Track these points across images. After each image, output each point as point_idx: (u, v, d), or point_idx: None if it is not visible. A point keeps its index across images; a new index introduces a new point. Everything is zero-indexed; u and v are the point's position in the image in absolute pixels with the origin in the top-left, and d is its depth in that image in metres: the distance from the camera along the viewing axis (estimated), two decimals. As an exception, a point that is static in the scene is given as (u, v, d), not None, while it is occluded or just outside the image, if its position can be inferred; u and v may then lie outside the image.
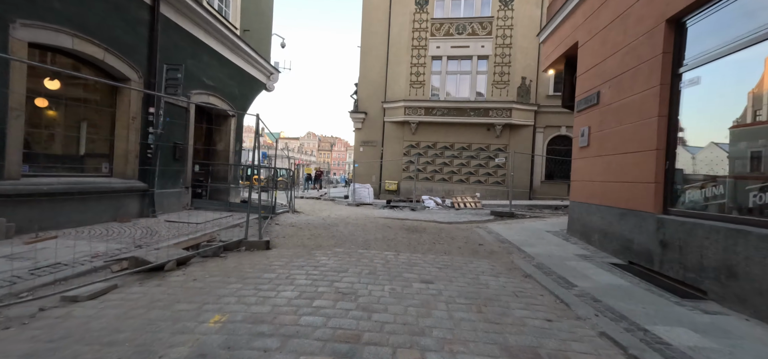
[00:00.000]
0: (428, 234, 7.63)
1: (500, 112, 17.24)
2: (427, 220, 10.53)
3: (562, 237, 7.14)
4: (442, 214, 12.17)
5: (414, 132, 18.43)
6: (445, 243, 6.75)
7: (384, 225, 9.06)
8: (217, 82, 9.89)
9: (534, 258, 5.55)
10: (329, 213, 12.28)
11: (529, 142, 17.50)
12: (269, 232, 7.19)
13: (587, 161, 6.77)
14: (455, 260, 5.39)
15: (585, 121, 6.94)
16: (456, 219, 10.85)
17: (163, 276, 3.95)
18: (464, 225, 9.42)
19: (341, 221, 9.37)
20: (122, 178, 6.90)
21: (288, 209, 10.69)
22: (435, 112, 17.94)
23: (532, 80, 17.39)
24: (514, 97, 17.19)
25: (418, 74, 18.17)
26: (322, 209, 13.68)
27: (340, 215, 11.42)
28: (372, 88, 19.48)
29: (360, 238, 6.93)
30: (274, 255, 5.19)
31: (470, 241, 6.96)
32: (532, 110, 17.40)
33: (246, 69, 11.53)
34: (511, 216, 10.95)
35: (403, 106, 18.19)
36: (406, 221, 10.09)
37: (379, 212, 12.92)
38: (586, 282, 4.32)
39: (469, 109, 17.58)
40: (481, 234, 7.76)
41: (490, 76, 17.51)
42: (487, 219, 10.84)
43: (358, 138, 19.90)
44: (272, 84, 13.52)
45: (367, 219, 10.12)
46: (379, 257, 5.35)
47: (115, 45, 6.47)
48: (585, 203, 6.74)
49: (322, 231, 7.61)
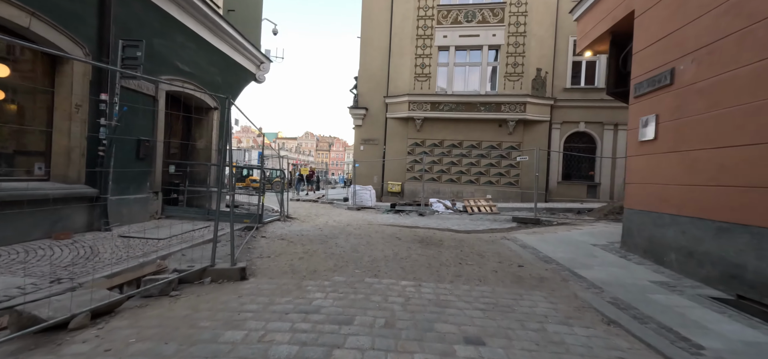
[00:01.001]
0: (449, 250, 6.19)
1: (513, 107, 15.83)
2: (440, 228, 9.09)
3: (617, 254, 5.71)
4: (455, 220, 10.73)
5: (419, 129, 17.00)
6: (474, 263, 5.31)
7: (392, 235, 7.62)
8: (194, 67, 8.42)
9: (602, 289, 4.11)
10: (327, 219, 10.82)
11: (545, 140, 16.09)
12: (252, 250, 5.72)
13: (654, 158, 5.34)
14: (499, 294, 3.95)
15: (649, 107, 5.51)
16: (473, 227, 9.41)
17: (58, 344, 2.49)
18: (486, 235, 7.99)
19: (341, 231, 7.93)
20: (63, 182, 5.43)
21: (279, 216, 9.23)
22: (442, 107, 16.51)
23: (547, 72, 15.98)
24: (528, 90, 15.78)
25: (423, 66, 16.73)
26: (318, 214, 12.22)
27: (340, 222, 9.96)
28: (373, 81, 18.03)
29: (365, 257, 5.48)
30: (248, 290, 3.73)
31: (505, 260, 5.52)
32: (547, 104, 15.99)
33: (231, 55, 10.06)
34: (536, 222, 9.53)
35: (407, 101, 16.75)
36: (416, 230, 8.65)
37: (384, 218, 11.48)
38: (710, 339, 2.88)
39: (479, 104, 16.16)
40: (512, 249, 6.32)
41: (502, 67, 16.09)
42: (510, 226, 9.41)
43: (358, 135, 18.45)
44: (262, 75, 12.04)
45: (371, 228, 8.67)
46: (395, 291, 3.90)
47: (47, 10, 5.00)
48: (651, 212, 5.31)
49: (318, 246, 6.16)
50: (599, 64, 15.96)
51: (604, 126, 15.74)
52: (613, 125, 15.65)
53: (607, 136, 15.70)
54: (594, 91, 15.91)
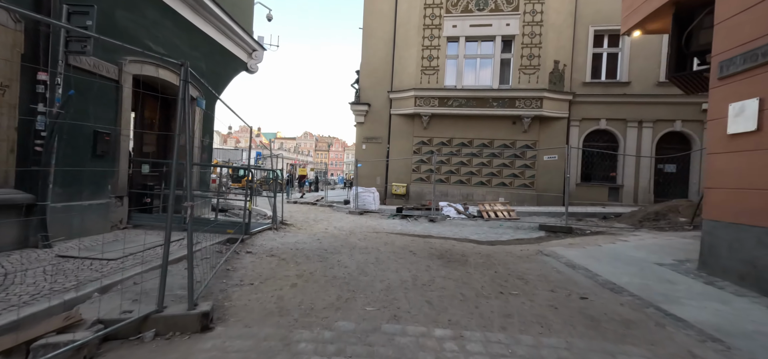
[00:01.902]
0: (478, 270, 4.94)
1: (529, 103, 14.58)
2: (458, 238, 7.83)
3: (702, 281, 4.44)
4: (471, 228, 9.47)
5: (426, 126, 15.74)
6: (519, 292, 4.05)
7: (403, 248, 6.37)
8: (171, 49, 7.16)
9: (724, 342, 2.86)
10: (326, 225, 9.56)
11: (563, 138, 14.84)
12: (231, 274, 4.46)
13: (756, 156, 4.08)
14: (581, 353, 2.69)
15: (745, 90, 4.25)
16: (496, 237, 8.15)
17: None
18: (516, 249, 6.72)
19: (343, 242, 6.66)
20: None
21: (272, 224, 7.96)
22: (451, 103, 15.25)
23: (566, 65, 14.74)
24: (545, 84, 14.53)
25: (430, 58, 15.48)
26: (317, 220, 10.95)
27: (341, 229, 8.70)
28: (376, 75, 16.77)
29: (377, 283, 4.22)
30: (209, 356, 2.46)
31: (557, 287, 4.26)
32: (566, 100, 14.75)
33: (217, 39, 8.80)
34: (568, 231, 8.27)
35: (413, 96, 15.50)
36: (430, 240, 7.40)
37: (390, 224, 10.22)
38: None
39: (491, 99, 14.91)
40: (559, 269, 5.07)
41: (516, 59, 14.84)
42: (538, 236, 8.16)
43: (360, 133, 17.19)
44: (255, 64, 10.77)
45: (378, 238, 7.42)
46: (431, 351, 2.64)
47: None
48: (754, 227, 4.05)
49: (315, 265, 4.90)
50: (622, 57, 14.73)
51: (628, 123, 14.51)
52: (637, 122, 14.41)
53: (630, 134, 14.46)
54: (616, 85, 14.67)
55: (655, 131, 14.31)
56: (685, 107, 13.95)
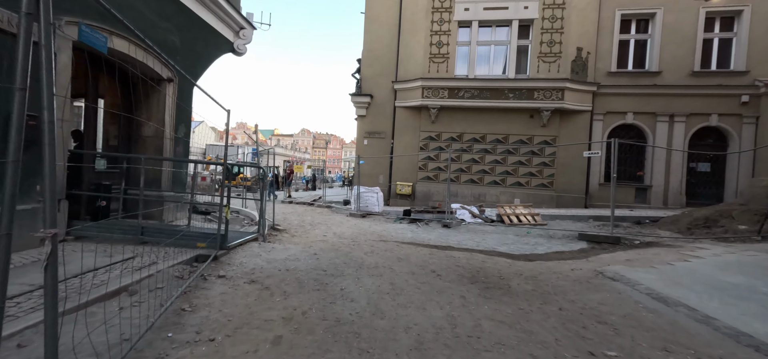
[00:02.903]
0: (532, 304, 3.56)
1: (549, 94, 13.20)
2: (485, 251, 6.45)
3: None
4: (495, 236, 8.08)
5: (434, 120, 14.34)
6: (617, 351, 2.67)
7: (423, 266, 5.00)
8: (134, 15, 5.72)
9: None
10: (325, 231, 8.18)
11: (585, 133, 13.49)
12: (185, 318, 3.04)
13: None
14: None
15: None
16: (529, 249, 6.76)
17: None
18: (564, 267, 5.34)
19: (347, 258, 5.26)
20: None
21: (258, 233, 6.54)
22: (462, 94, 13.86)
23: (589, 52, 13.36)
24: (566, 73, 13.15)
25: (439, 45, 14.06)
26: (314, 223, 9.56)
27: (343, 237, 7.32)
28: (380, 64, 15.34)
29: (402, 336, 2.83)
30: None
31: (667, 340, 2.88)
32: (589, 91, 13.37)
33: (197, 11, 7.38)
34: (615, 242, 6.90)
35: (420, 87, 14.09)
36: (452, 253, 6.02)
37: (398, 230, 8.84)
38: None
39: (506, 90, 13.52)
40: (645, 304, 3.69)
41: (535, 46, 13.45)
42: (580, 247, 6.79)
43: (361, 128, 15.77)
44: (243, 44, 9.33)
45: (390, 251, 6.03)
46: None
47: None
48: None
49: (310, 300, 3.51)
50: (651, 44, 13.36)
51: (657, 117, 13.15)
52: (668, 116, 13.07)
53: (660, 129, 13.11)
54: (645, 75, 13.31)
55: (687, 126, 12.96)
56: (722, 100, 12.62)
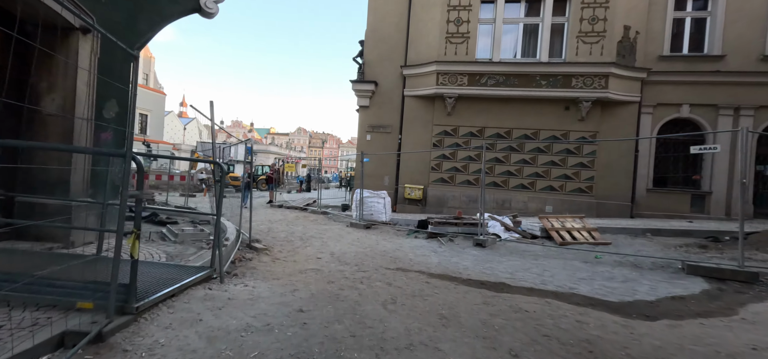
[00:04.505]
0: None
1: (590, 81, 11.01)
2: (556, 292, 4.18)
3: None
4: (553, 264, 5.82)
5: (450, 111, 12.11)
6: None
7: (489, 337, 2.76)
8: None
9: None
10: (319, 253, 5.89)
11: (631, 127, 11.31)
12: None
13: None
14: None
15: None
16: (623, 289, 4.48)
17: None
18: (722, 336, 3.11)
19: (356, 317, 2.97)
20: None
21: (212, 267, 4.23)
22: (484, 81, 11.64)
23: (639, 32, 11.19)
24: (612, 56, 10.96)
25: (458, 23, 11.83)
26: (306, 238, 7.31)
27: (343, 262, 5.05)
28: (386, 46, 13.09)
29: None
30: None
31: None
32: (638, 78, 11.20)
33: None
34: (751, 278, 4.66)
35: (434, 72, 11.86)
36: (517, 301, 3.76)
37: (417, 250, 6.59)
38: None
39: (538, 77, 11.32)
40: None
41: (573, 24, 11.25)
42: (699, 286, 4.54)
43: (363, 120, 13.49)
44: (212, 3, 7.01)
45: (421, 298, 3.76)
46: None
47: None
48: None
49: None
50: (712, 22, 11.22)
51: (719, 110, 11.01)
52: (733, 109, 10.92)
53: (722, 124, 10.95)
54: (704, 59, 11.15)
55: (756, 121, 10.82)
56: (800, 90, 10.51)
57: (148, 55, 37.29)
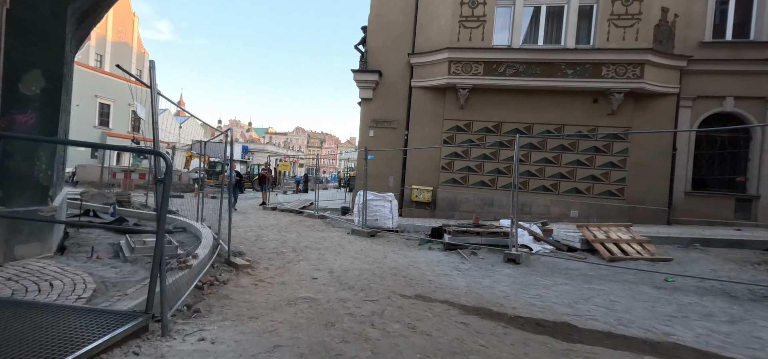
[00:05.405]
0: None
1: (622, 70, 9.74)
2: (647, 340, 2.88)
3: None
4: (615, 288, 4.53)
5: (463, 104, 10.83)
6: None
7: None
8: None
9: None
10: (315, 271, 4.55)
11: (669, 124, 10.03)
12: None
13: None
14: None
15: None
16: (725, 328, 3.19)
17: None
18: None
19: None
20: None
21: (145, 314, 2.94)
22: (502, 70, 10.36)
23: (677, 15, 9.93)
24: (648, 42, 9.70)
25: (473, 4, 10.56)
26: (299, 249, 6.00)
27: (345, 286, 3.70)
28: (391, 32, 11.82)
29: None
30: None
31: None
32: (677, 67, 9.93)
33: None
34: None
35: (446, 60, 10.58)
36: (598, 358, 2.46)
37: (436, 266, 5.30)
38: None
39: (563, 65, 10.05)
40: None
41: (604, 5, 9.98)
42: None
43: (366, 114, 12.19)
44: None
45: (458, 346, 2.45)
46: None
47: None
48: None
49: None
50: (759, 5, 9.96)
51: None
52: (784, 103, 9.69)
53: (771, 120, 9.72)
54: (751, 46, 9.90)
55: (811, 116, 9.59)
56: None
57: (142, 51, 35.93)
